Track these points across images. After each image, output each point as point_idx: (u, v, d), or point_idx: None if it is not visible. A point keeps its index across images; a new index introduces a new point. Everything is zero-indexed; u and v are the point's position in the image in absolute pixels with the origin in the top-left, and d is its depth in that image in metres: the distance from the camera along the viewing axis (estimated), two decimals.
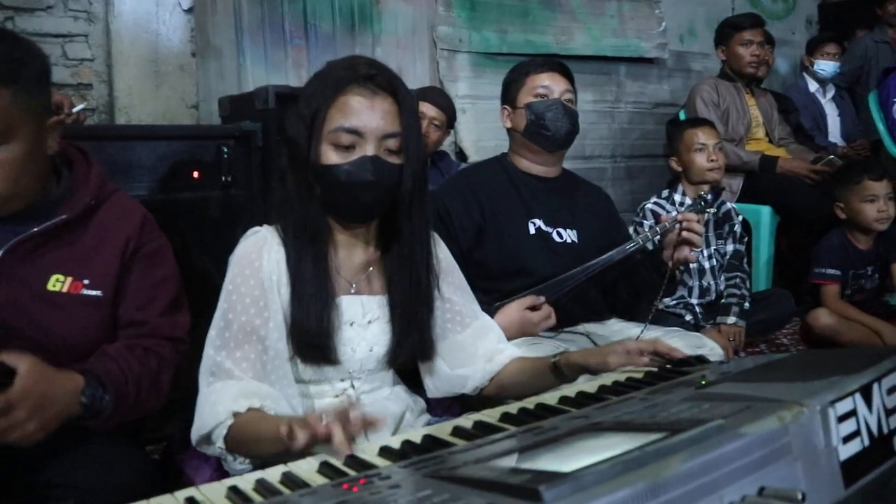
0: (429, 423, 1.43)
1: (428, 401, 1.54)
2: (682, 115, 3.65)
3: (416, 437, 1.04)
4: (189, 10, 2.73)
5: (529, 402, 1.19)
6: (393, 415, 1.40)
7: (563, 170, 2.24)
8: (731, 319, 2.60)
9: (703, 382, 1.11)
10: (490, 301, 1.95)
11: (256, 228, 1.35)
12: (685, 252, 1.84)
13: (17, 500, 1.23)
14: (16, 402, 1.09)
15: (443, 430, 1.08)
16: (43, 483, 1.22)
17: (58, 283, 1.32)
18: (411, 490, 0.73)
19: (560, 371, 1.37)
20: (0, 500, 1.22)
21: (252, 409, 1.19)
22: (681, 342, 1.93)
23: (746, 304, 2.65)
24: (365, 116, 1.24)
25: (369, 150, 1.25)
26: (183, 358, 1.44)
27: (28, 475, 1.23)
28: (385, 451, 0.98)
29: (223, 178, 2.06)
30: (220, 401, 1.20)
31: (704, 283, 2.72)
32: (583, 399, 1.18)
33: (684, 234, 1.80)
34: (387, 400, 1.42)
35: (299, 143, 1.27)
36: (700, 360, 1.40)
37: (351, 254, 1.37)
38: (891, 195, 2.77)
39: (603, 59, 4.16)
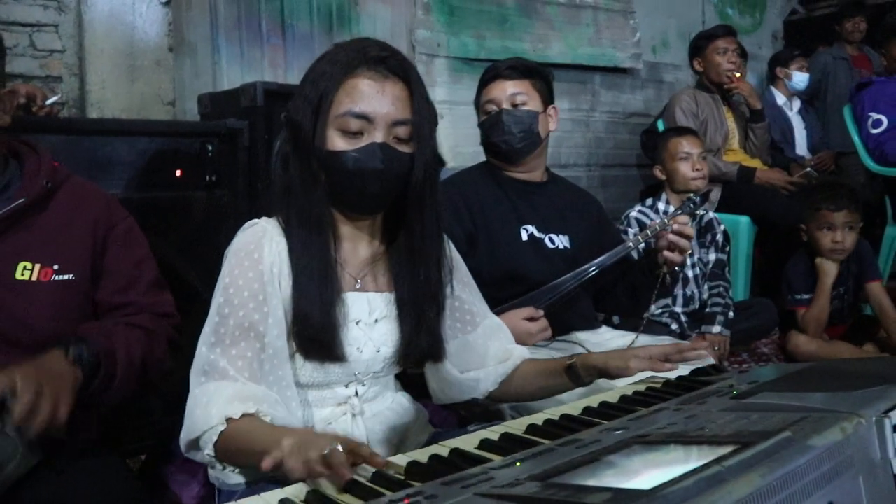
0: (433, 435, 1.36)
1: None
2: (659, 125, 3.66)
3: (443, 451, 0.98)
4: (167, 4, 2.63)
5: (553, 414, 1.13)
6: (396, 427, 1.33)
7: (552, 174, 2.21)
8: (717, 329, 2.60)
9: (736, 392, 1.07)
10: None
11: (255, 221, 1.26)
12: (674, 255, 1.83)
13: None
14: (21, 385, 1.05)
15: (469, 443, 1.02)
16: (29, 500, 1.14)
17: (26, 271, 1.27)
18: None
19: (576, 373, 1.33)
20: None
21: (247, 415, 1.09)
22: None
23: (731, 314, 2.65)
24: (375, 101, 1.17)
25: (378, 136, 1.17)
26: (176, 344, 1.39)
27: (13, 493, 1.14)
28: (414, 467, 0.92)
29: (207, 178, 1.96)
30: (212, 403, 1.11)
31: (688, 292, 2.71)
32: (609, 410, 1.14)
33: (671, 237, 1.79)
34: (389, 411, 1.34)
35: (304, 128, 1.19)
36: (716, 369, 1.38)
37: (356, 248, 1.29)
38: (850, 224, 2.79)
39: (579, 67, 4.16)
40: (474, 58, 3.79)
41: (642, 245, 2.00)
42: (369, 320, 1.27)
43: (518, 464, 0.83)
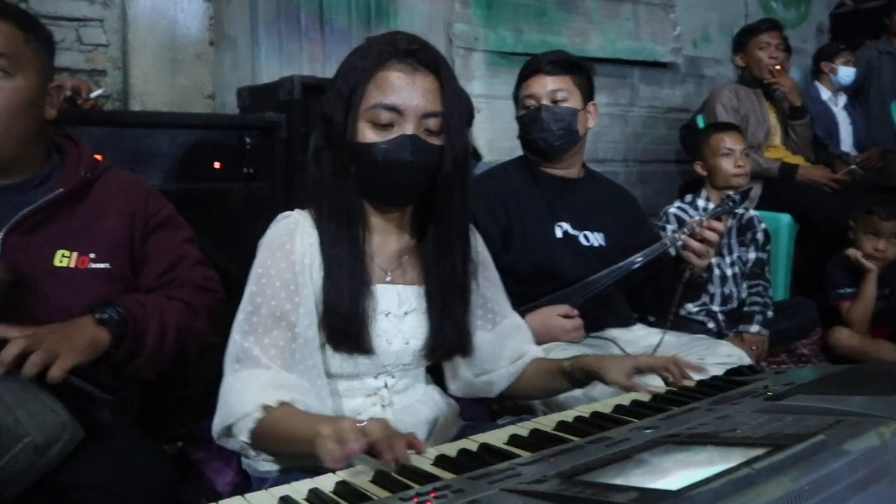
0: (462, 429, 1.37)
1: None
2: (699, 120, 3.60)
3: (472, 445, 0.98)
4: None
5: (584, 411, 1.13)
6: (426, 420, 1.34)
7: (588, 170, 2.19)
8: (755, 328, 2.55)
9: (770, 394, 1.05)
10: (516, 305, 1.90)
11: (288, 213, 1.28)
12: (696, 259, 1.81)
13: (40, 500, 1.16)
14: (38, 333, 1.12)
15: (498, 438, 1.02)
16: (66, 483, 1.17)
17: (64, 258, 1.31)
18: None
19: (572, 375, 1.33)
20: (24, 500, 1.15)
21: (283, 404, 1.11)
22: (708, 350, 1.90)
23: (769, 313, 2.61)
24: (405, 93, 1.17)
25: (408, 128, 1.18)
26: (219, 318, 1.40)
27: (51, 474, 1.17)
28: (443, 461, 0.92)
29: (245, 170, 1.99)
30: (247, 390, 1.12)
31: (726, 291, 2.67)
32: (640, 408, 1.13)
33: (684, 238, 1.77)
34: (420, 403, 1.35)
35: (335, 121, 1.20)
36: (751, 370, 1.36)
37: (386, 240, 1.30)
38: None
39: (618, 61, 4.10)
40: (512, 51, 3.76)
41: (679, 243, 1.97)
42: (399, 312, 1.28)
43: (548, 460, 0.83)
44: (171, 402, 1.71)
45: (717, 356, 1.86)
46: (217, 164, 1.96)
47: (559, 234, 2.04)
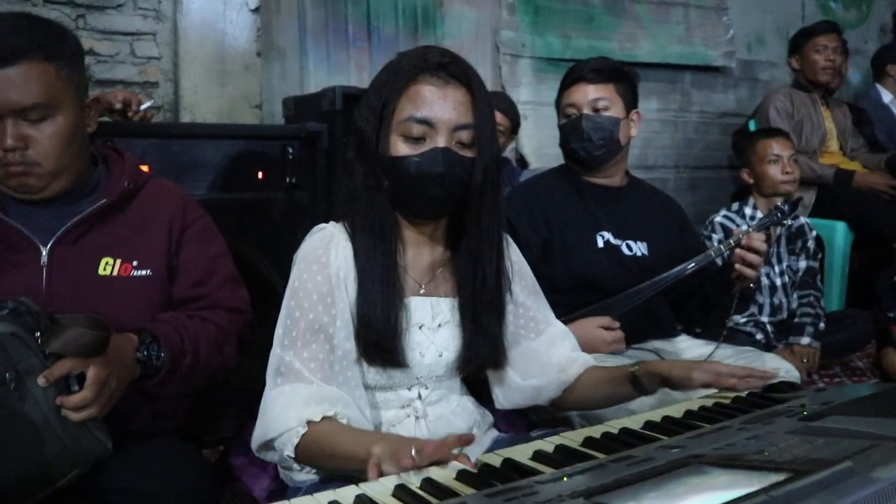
0: (496, 440, 1.36)
1: (493, 414, 1.47)
2: (751, 125, 3.52)
3: (496, 460, 0.98)
4: (255, 10, 2.73)
5: (613, 427, 1.11)
6: (460, 431, 1.33)
7: (632, 178, 2.16)
8: (805, 340, 2.48)
9: (806, 413, 1.02)
10: (555, 316, 1.89)
11: (323, 225, 1.30)
12: (748, 270, 1.76)
13: (77, 502, 1.20)
14: (91, 378, 1.13)
15: (523, 453, 1.01)
16: (106, 487, 1.20)
17: (108, 266, 1.35)
18: None
19: (639, 381, 1.30)
20: (62, 502, 1.19)
21: (326, 418, 1.13)
22: (754, 363, 1.85)
23: (821, 325, 2.53)
24: (437, 107, 1.18)
25: (440, 141, 1.19)
26: (246, 341, 1.43)
27: (91, 478, 1.21)
28: (464, 476, 0.92)
29: (287, 180, 2.02)
30: (290, 405, 1.14)
31: (776, 301, 2.60)
32: (671, 425, 1.10)
33: (738, 251, 1.72)
34: (453, 414, 1.35)
35: (367, 135, 1.22)
36: (791, 387, 1.32)
37: (419, 253, 1.30)
38: None
39: (668, 66, 4.05)
40: (559, 58, 3.74)
41: (726, 254, 1.93)
42: (432, 325, 1.29)
43: (565, 479, 0.82)
44: (214, 408, 1.75)
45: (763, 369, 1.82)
46: (260, 174, 2.00)
47: (600, 243, 2.01)
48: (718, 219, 2.62)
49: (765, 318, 2.59)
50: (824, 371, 2.66)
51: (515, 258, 1.41)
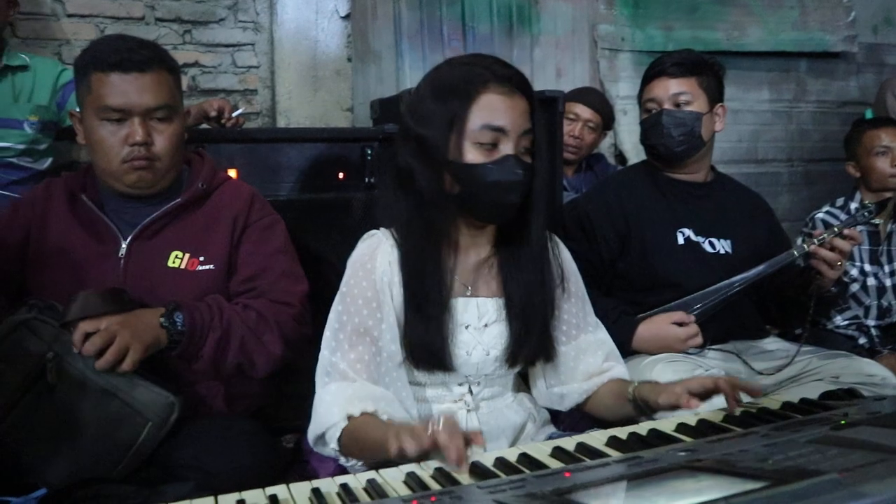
0: (551, 437, 1.37)
1: (556, 412, 1.49)
2: (867, 114, 3.28)
3: (512, 455, 1.01)
4: (346, 17, 2.84)
5: (642, 428, 1.11)
6: (513, 425, 1.37)
7: (718, 174, 2.08)
8: None
9: (843, 422, 0.98)
10: (633, 313, 1.86)
11: (373, 231, 1.36)
12: (827, 270, 1.69)
13: (152, 478, 1.33)
14: (111, 328, 1.28)
15: (541, 450, 1.03)
16: (174, 464, 1.33)
17: (177, 259, 1.48)
18: None
19: (636, 402, 1.29)
20: (137, 476, 1.32)
21: (366, 414, 1.19)
22: (846, 368, 1.75)
23: None
24: (508, 115, 1.23)
25: (509, 148, 1.23)
26: (290, 344, 1.51)
27: (162, 456, 1.34)
28: (475, 468, 0.95)
29: (366, 180, 2.11)
30: (334, 402, 1.22)
31: (884, 303, 2.42)
32: (703, 428, 1.09)
33: (816, 250, 1.63)
34: (507, 409, 1.38)
35: (434, 142, 1.24)
36: (851, 394, 1.25)
37: (466, 254, 1.34)
38: None
39: (781, 54, 3.83)
40: (661, 50, 3.63)
41: (804, 255, 1.83)
42: (479, 325, 1.32)
43: (563, 475, 0.83)
44: (288, 394, 1.85)
45: (855, 375, 1.72)
46: (341, 175, 2.09)
47: (681, 240, 1.96)
48: (820, 215, 2.47)
49: (871, 322, 2.42)
50: None
51: (566, 260, 1.43)
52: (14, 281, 1.49)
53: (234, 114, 2.11)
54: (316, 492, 0.89)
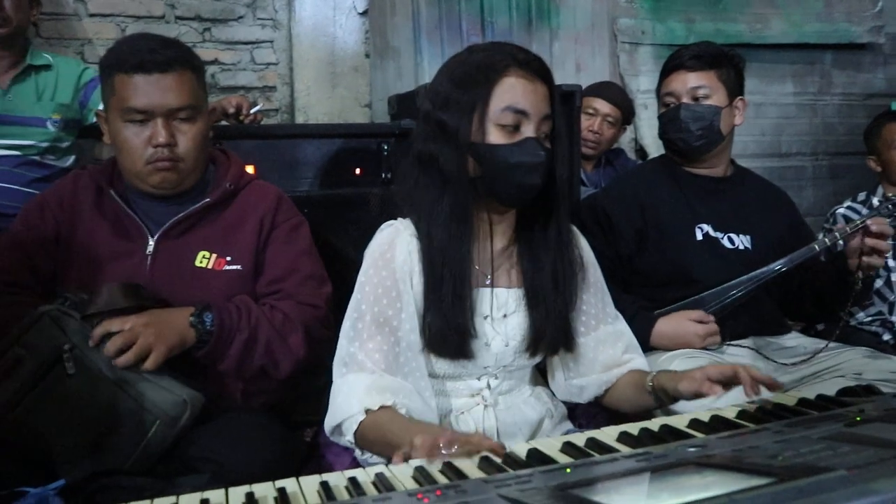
0: (568, 432, 1.37)
1: (573, 408, 1.48)
2: (893, 107, 3.22)
3: (522, 451, 1.00)
4: (364, 13, 2.85)
5: (654, 424, 1.10)
6: (530, 421, 1.37)
7: (738, 168, 2.06)
8: None
9: (858, 419, 0.96)
10: (651, 309, 1.85)
11: (391, 222, 1.35)
12: (874, 259, 1.65)
13: (170, 471, 1.35)
14: (136, 327, 1.30)
15: (551, 445, 1.03)
16: (191, 456, 1.34)
17: (204, 259, 1.49)
18: None
19: (654, 392, 1.28)
20: (157, 467, 1.34)
21: (384, 407, 1.19)
22: (868, 365, 1.72)
23: None
24: (530, 98, 1.24)
25: (531, 131, 1.24)
26: (314, 345, 1.51)
27: (181, 449, 1.36)
28: (484, 462, 0.96)
29: (384, 175, 2.11)
30: (352, 393, 1.22)
31: None
32: (716, 424, 1.08)
33: (868, 240, 1.60)
34: (524, 404, 1.38)
35: (454, 125, 1.24)
36: (869, 390, 1.23)
37: (485, 244, 1.33)
38: None
39: (805, 46, 3.77)
40: (682, 44, 3.57)
41: (826, 249, 1.81)
42: (497, 315, 1.32)
43: (568, 470, 0.83)
44: (306, 389, 1.87)
45: (877, 371, 1.69)
46: (358, 170, 2.11)
47: (699, 236, 1.94)
48: (841, 210, 2.44)
49: (895, 318, 2.38)
50: None
51: (585, 249, 1.42)
52: (49, 278, 1.50)
53: (252, 110, 2.13)
54: (324, 485, 0.90)
